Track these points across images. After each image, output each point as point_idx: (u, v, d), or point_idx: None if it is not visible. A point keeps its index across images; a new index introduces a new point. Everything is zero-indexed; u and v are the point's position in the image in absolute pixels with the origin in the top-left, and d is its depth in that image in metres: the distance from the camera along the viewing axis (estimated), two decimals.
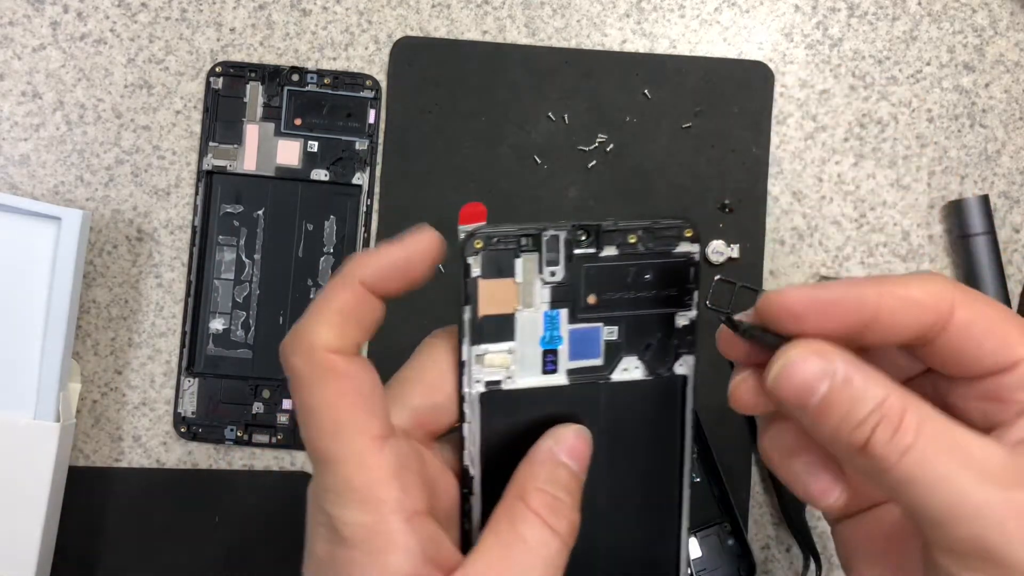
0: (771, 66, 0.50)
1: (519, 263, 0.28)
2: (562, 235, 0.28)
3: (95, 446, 0.49)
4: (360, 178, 0.49)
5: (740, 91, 0.49)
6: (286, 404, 0.49)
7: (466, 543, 0.28)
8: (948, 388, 0.27)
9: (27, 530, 0.45)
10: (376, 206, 0.49)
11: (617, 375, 0.29)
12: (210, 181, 0.49)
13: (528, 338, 0.28)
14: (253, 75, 0.49)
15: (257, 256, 0.49)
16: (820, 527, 0.49)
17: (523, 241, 0.28)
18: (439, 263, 0.27)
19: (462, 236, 0.28)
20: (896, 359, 0.29)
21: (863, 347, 0.26)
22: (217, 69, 0.49)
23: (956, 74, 0.50)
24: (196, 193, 0.49)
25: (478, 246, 0.28)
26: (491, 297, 0.28)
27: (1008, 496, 0.23)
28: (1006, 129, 0.50)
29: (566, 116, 0.49)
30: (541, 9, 0.50)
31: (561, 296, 0.28)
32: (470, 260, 0.28)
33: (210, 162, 0.49)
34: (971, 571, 0.24)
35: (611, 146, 0.49)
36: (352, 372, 0.26)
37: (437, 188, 0.49)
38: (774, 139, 0.50)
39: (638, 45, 0.50)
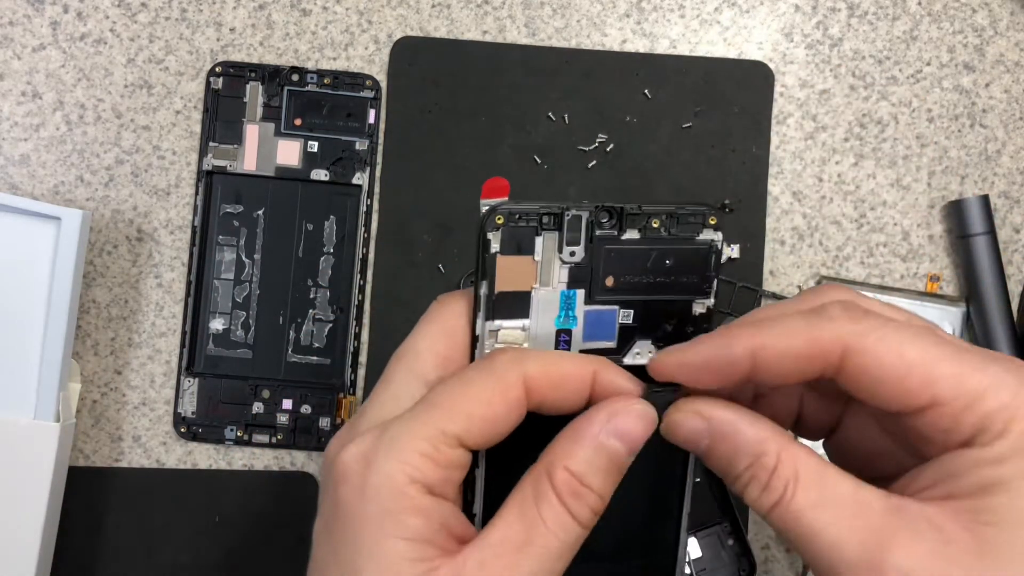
0: (771, 66, 0.50)
1: (539, 241, 0.28)
2: (584, 216, 0.28)
3: (95, 446, 0.49)
4: (360, 178, 0.49)
5: (740, 91, 0.49)
6: (286, 404, 0.49)
7: (468, 516, 0.28)
8: (877, 412, 0.27)
9: (27, 530, 0.45)
10: (376, 206, 0.49)
11: (629, 359, 0.29)
12: (210, 181, 0.49)
13: (543, 317, 0.28)
14: (253, 75, 0.49)
15: (257, 256, 0.49)
16: None
17: (545, 219, 0.28)
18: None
19: (484, 210, 0.28)
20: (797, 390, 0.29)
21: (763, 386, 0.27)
22: (217, 69, 0.49)
23: (956, 74, 0.50)
24: (196, 193, 0.49)
25: (499, 222, 0.27)
26: (509, 274, 0.28)
27: (865, 556, 0.23)
28: (1006, 129, 0.50)
29: (566, 116, 0.49)
30: (541, 9, 0.50)
31: (579, 277, 0.28)
32: (490, 235, 0.27)
33: (210, 162, 0.49)
34: None
35: (611, 146, 0.49)
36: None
37: (437, 188, 0.49)
38: (774, 139, 0.50)
39: (638, 45, 0.50)
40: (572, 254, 0.28)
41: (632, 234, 0.28)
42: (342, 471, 0.26)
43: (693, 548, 0.47)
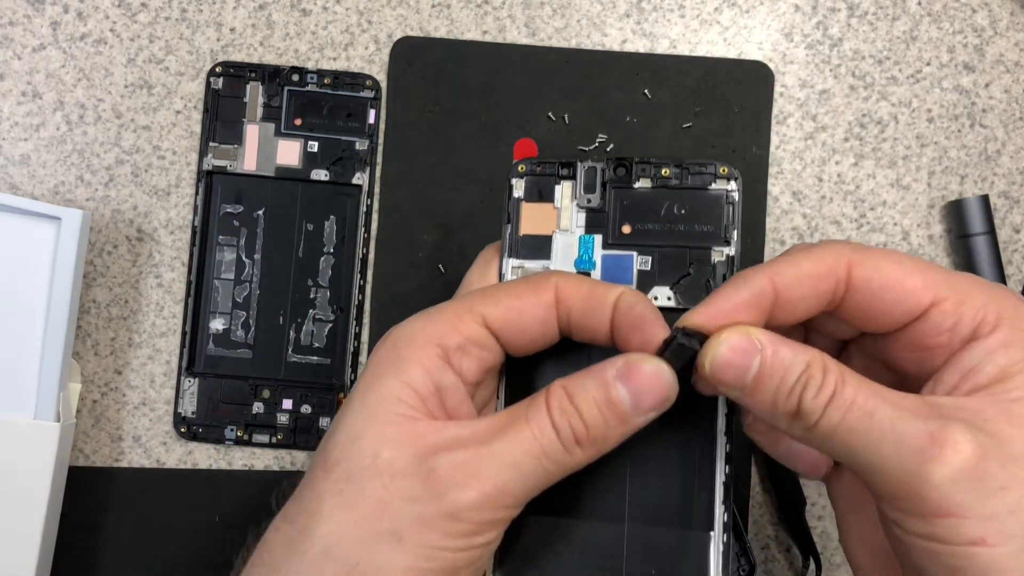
0: (771, 66, 0.50)
1: (558, 189, 0.31)
2: (599, 166, 0.31)
3: (95, 446, 0.49)
4: (360, 178, 0.49)
5: (740, 91, 0.49)
6: (286, 404, 0.49)
7: None
8: (883, 346, 0.29)
9: (27, 530, 0.45)
10: (376, 206, 0.49)
11: None
12: (210, 181, 0.49)
13: (563, 258, 0.31)
14: (253, 75, 0.49)
15: (257, 256, 0.49)
16: (820, 527, 0.49)
17: (563, 170, 0.31)
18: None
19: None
20: (832, 326, 0.30)
21: (783, 325, 0.28)
22: (217, 69, 0.49)
23: (956, 74, 0.50)
24: (196, 193, 0.49)
25: (522, 171, 0.31)
26: (531, 218, 0.31)
27: (924, 425, 0.24)
28: (1006, 129, 0.50)
29: (566, 116, 0.49)
30: (541, 9, 0.50)
31: (596, 222, 0.31)
32: (514, 182, 0.31)
33: (210, 162, 0.49)
34: (899, 511, 0.24)
35: (611, 146, 0.49)
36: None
37: (437, 188, 0.49)
38: (774, 139, 0.50)
39: (638, 45, 0.50)
40: (588, 200, 0.31)
41: (644, 183, 0.31)
42: (385, 334, 0.29)
43: None
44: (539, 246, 0.31)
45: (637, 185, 0.30)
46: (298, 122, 0.49)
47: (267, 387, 0.49)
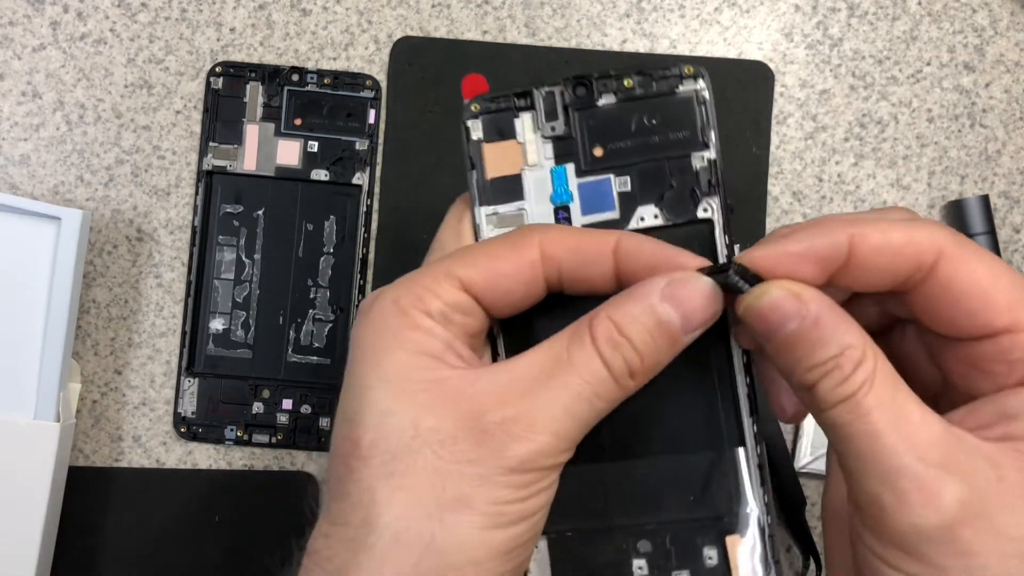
0: (771, 66, 0.50)
1: (518, 123, 0.28)
2: (556, 90, 0.28)
3: (95, 446, 0.49)
4: (360, 178, 0.49)
5: (740, 91, 0.49)
6: (286, 404, 0.49)
7: None
8: (936, 343, 0.27)
9: (27, 530, 0.45)
10: (376, 206, 0.49)
11: (634, 224, 0.28)
12: (210, 181, 0.49)
13: (538, 196, 0.28)
14: (253, 75, 0.49)
15: (257, 256, 0.49)
16: (820, 527, 0.49)
17: (519, 102, 0.29)
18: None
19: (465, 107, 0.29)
20: (889, 303, 0.28)
21: (846, 288, 0.26)
22: (217, 69, 0.49)
23: (956, 74, 0.50)
24: (196, 193, 0.49)
25: (475, 109, 0.28)
26: (496, 159, 0.29)
27: (921, 469, 0.23)
28: (1006, 129, 0.50)
29: None
30: (541, 9, 0.50)
31: (565, 151, 0.28)
32: (470, 123, 0.29)
33: (210, 162, 0.49)
34: (864, 527, 0.24)
35: None
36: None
37: (437, 188, 0.49)
38: (774, 139, 0.50)
39: (638, 45, 0.50)
40: (552, 128, 0.28)
41: (608, 99, 0.28)
42: (360, 311, 0.27)
43: None
44: (510, 187, 0.29)
45: (601, 102, 0.28)
46: (298, 122, 0.49)
47: (267, 387, 0.49)
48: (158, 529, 0.49)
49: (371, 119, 0.49)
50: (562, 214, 0.28)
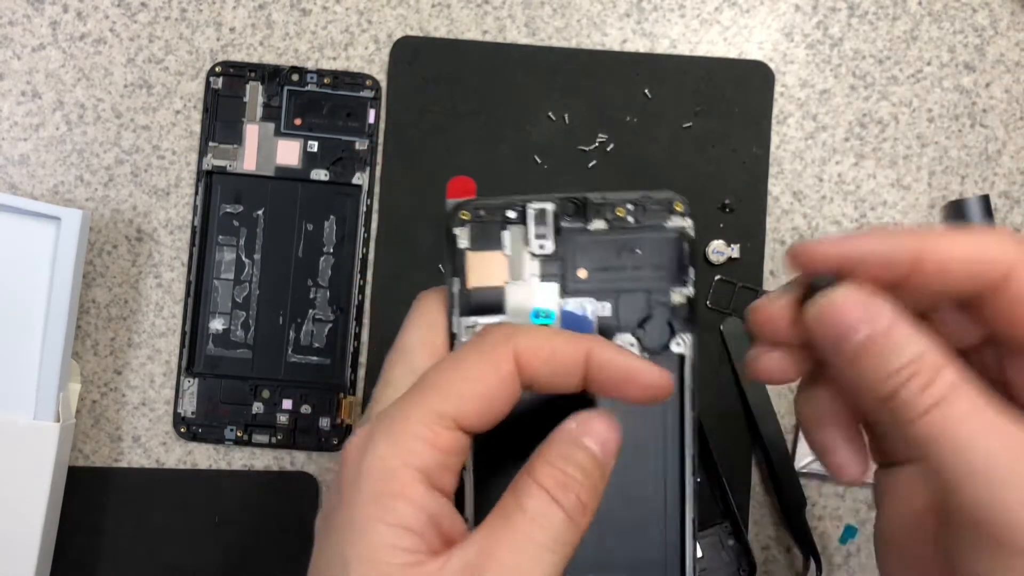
0: (771, 66, 0.50)
1: (507, 235, 0.28)
2: (549, 207, 0.28)
3: (95, 446, 0.49)
4: (360, 178, 0.49)
5: (740, 91, 0.49)
6: (286, 404, 0.49)
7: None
8: (1007, 360, 0.26)
9: (27, 530, 0.45)
10: (376, 206, 0.49)
11: None
12: (210, 181, 0.49)
13: (519, 312, 0.28)
14: (253, 75, 0.49)
15: (257, 256, 0.49)
16: (820, 527, 0.49)
17: (510, 213, 0.28)
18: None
19: (449, 208, 0.28)
20: (959, 323, 0.28)
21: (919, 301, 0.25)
22: (217, 69, 0.49)
23: (956, 74, 0.50)
24: (196, 193, 0.49)
25: (464, 217, 0.28)
26: (480, 269, 0.28)
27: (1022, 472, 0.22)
28: (1006, 129, 0.50)
29: (566, 116, 0.49)
30: (541, 9, 0.50)
31: (551, 270, 0.28)
32: (456, 231, 0.28)
33: (210, 162, 0.49)
34: (970, 546, 0.23)
35: (611, 146, 0.49)
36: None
37: (437, 188, 0.49)
38: (774, 139, 0.50)
39: (638, 45, 0.50)
40: (541, 247, 0.28)
41: (599, 224, 0.28)
42: (344, 461, 0.26)
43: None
44: (491, 299, 0.28)
45: (591, 227, 0.28)
46: (298, 122, 0.49)
47: (267, 387, 0.49)
48: (158, 529, 0.49)
49: (371, 119, 0.49)
50: None
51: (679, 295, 0.28)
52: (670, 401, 0.28)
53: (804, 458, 0.48)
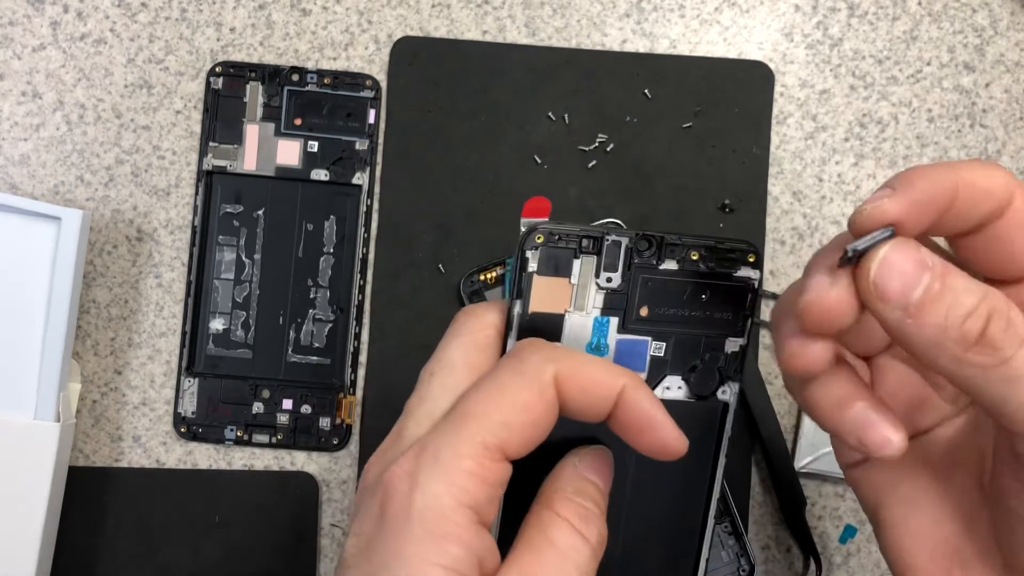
0: (771, 66, 0.50)
1: (577, 264, 0.28)
2: (624, 242, 0.28)
3: (95, 446, 0.49)
4: (360, 178, 0.49)
5: (740, 91, 0.49)
6: (286, 404, 0.49)
7: None
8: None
9: (27, 530, 0.45)
10: (376, 206, 0.49)
11: (659, 392, 0.28)
12: (210, 181, 0.49)
13: (575, 341, 0.28)
14: (253, 75, 0.49)
15: (257, 256, 0.49)
16: (820, 527, 0.49)
17: (584, 243, 0.28)
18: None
19: (524, 229, 0.28)
20: (864, 338, 0.29)
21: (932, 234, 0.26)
22: (217, 69, 0.49)
23: (956, 74, 0.50)
24: (196, 193, 0.49)
25: (539, 241, 0.27)
26: (544, 294, 0.28)
27: None
28: (1006, 129, 0.50)
29: (566, 116, 0.49)
30: (541, 9, 0.50)
31: (614, 304, 0.28)
32: (529, 254, 0.27)
33: (210, 162, 0.49)
34: None
35: (611, 146, 0.49)
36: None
37: (437, 188, 0.49)
38: (774, 139, 0.50)
39: (638, 45, 0.50)
40: (609, 280, 0.28)
41: (670, 264, 0.28)
42: (387, 491, 0.25)
43: None
44: (550, 325, 0.28)
45: (663, 267, 0.28)
46: (298, 122, 0.49)
47: (267, 387, 0.49)
48: (158, 529, 0.49)
49: (371, 119, 0.49)
50: None
51: (734, 344, 0.28)
52: (705, 445, 0.29)
53: (804, 458, 0.48)
